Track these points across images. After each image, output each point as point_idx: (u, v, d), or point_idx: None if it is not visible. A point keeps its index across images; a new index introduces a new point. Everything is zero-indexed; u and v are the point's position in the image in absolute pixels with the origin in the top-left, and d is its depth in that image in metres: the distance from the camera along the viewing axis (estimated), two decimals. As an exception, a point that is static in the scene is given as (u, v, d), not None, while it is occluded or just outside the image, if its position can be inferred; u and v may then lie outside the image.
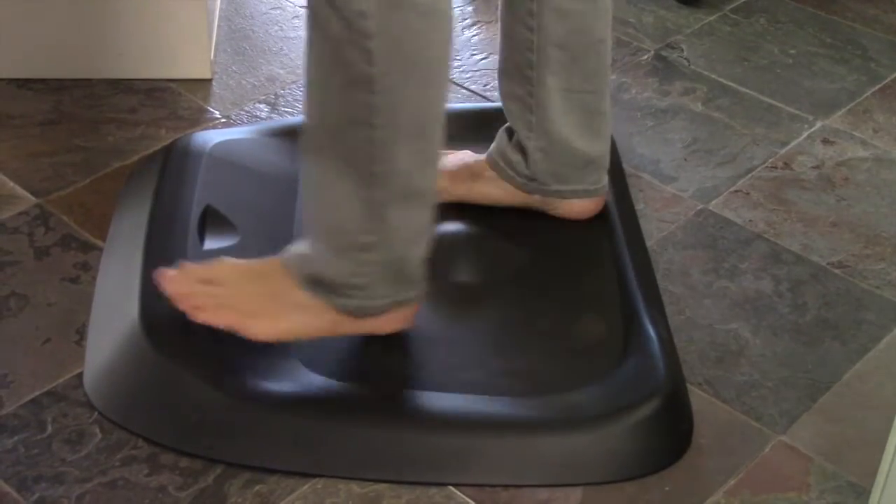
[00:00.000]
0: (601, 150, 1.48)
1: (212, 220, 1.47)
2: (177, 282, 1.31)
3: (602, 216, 1.53)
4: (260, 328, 1.29)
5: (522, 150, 1.48)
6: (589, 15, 1.40)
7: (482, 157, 1.54)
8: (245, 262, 1.33)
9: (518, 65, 1.44)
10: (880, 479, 1.01)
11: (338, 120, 1.20)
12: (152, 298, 1.34)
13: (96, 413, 1.28)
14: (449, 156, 1.58)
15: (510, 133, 1.49)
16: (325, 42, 1.17)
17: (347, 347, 1.35)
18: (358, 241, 1.25)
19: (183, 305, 1.29)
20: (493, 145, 1.52)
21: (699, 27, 2.01)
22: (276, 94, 1.80)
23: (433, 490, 1.23)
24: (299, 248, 1.30)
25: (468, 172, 1.53)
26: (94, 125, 1.72)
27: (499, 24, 1.45)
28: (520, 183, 1.50)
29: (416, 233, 1.27)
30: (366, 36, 1.15)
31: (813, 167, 1.70)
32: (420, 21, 1.16)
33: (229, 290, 1.30)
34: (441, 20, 1.18)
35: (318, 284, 1.27)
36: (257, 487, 1.22)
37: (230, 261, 1.33)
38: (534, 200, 1.52)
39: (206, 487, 1.22)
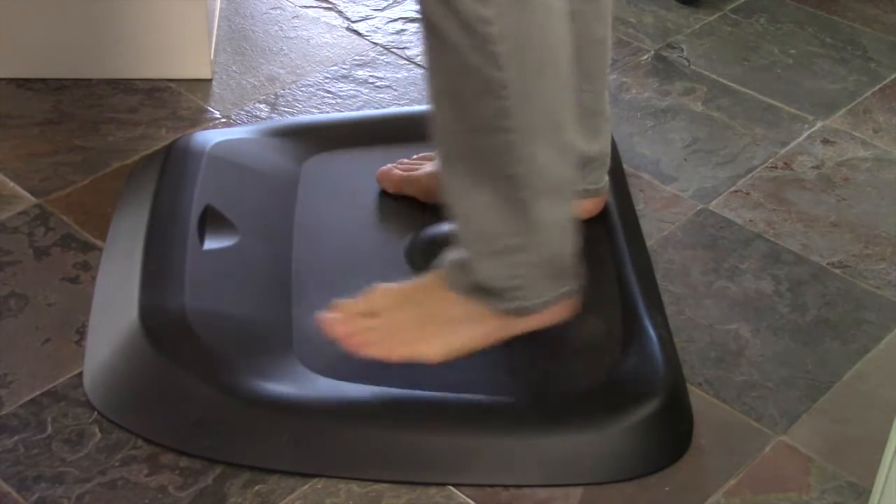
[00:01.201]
0: (600, 149, 1.48)
1: (212, 220, 1.47)
2: (339, 323, 1.29)
3: (602, 216, 1.52)
4: (432, 351, 1.28)
5: None
6: (589, 15, 1.40)
7: None
8: (400, 285, 1.32)
9: None
10: (880, 479, 1.00)
11: (471, 127, 1.19)
12: (152, 298, 1.34)
13: (96, 413, 1.29)
14: None
15: None
16: (449, 52, 1.16)
17: (347, 347, 1.35)
18: (507, 244, 1.24)
19: (349, 346, 1.28)
20: None
21: (699, 27, 2.01)
22: (276, 94, 1.80)
23: (433, 490, 1.23)
24: (455, 257, 1.28)
25: None
26: (94, 125, 1.72)
27: None
28: None
29: (563, 226, 1.26)
30: (491, 41, 1.13)
31: (813, 167, 1.70)
32: (544, 19, 1.15)
33: (391, 319, 1.29)
34: (563, 15, 1.17)
35: (479, 291, 1.27)
36: (257, 487, 1.22)
37: (385, 287, 1.31)
38: None
39: (206, 487, 1.22)
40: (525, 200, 1.21)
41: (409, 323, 1.28)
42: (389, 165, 1.57)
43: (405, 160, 1.58)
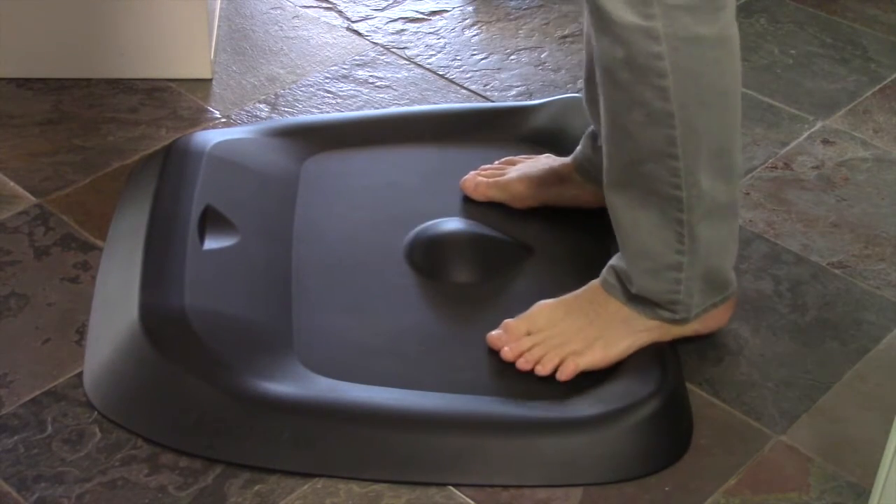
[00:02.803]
0: None
1: (212, 220, 1.47)
2: (508, 344, 1.33)
3: (603, 217, 1.52)
4: (596, 358, 1.32)
5: None
6: None
7: (566, 160, 1.54)
8: (559, 299, 1.35)
9: None
10: (880, 479, 1.01)
11: (640, 155, 1.23)
12: (152, 298, 1.34)
13: (96, 413, 1.29)
14: (531, 161, 1.57)
15: (594, 137, 1.49)
16: (618, 88, 1.20)
17: (347, 347, 1.35)
18: (670, 262, 1.28)
19: (522, 366, 1.32)
20: (578, 149, 1.53)
21: (699, 27, 2.01)
22: (276, 94, 1.80)
23: (433, 490, 1.23)
24: (616, 265, 1.32)
25: (555, 177, 1.53)
26: (94, 125, 1.72)
27: (584, 32, 1.46)
28: None
29: (725, 243, 1.31)
30: (660, 76, 1.18)
31: (813, 167, 1.70)
32: (713, 52, 1.19)
33: (555, 332, 1.33)
34: (732, 46, 1.21)
35: (638, 301, 1.31)
36: (257, 487, 1.22)
37: (545, 303, 1.35)
38: None
39: (205, 487, 1.22)
40: (687, 222, 1.26)
41: (571, 335, 1.32)
42: (473, 173, 1.58)
43: (487, 166, 1.59)
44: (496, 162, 1.59)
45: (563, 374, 1.31)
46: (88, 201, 1.58)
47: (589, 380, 1.31)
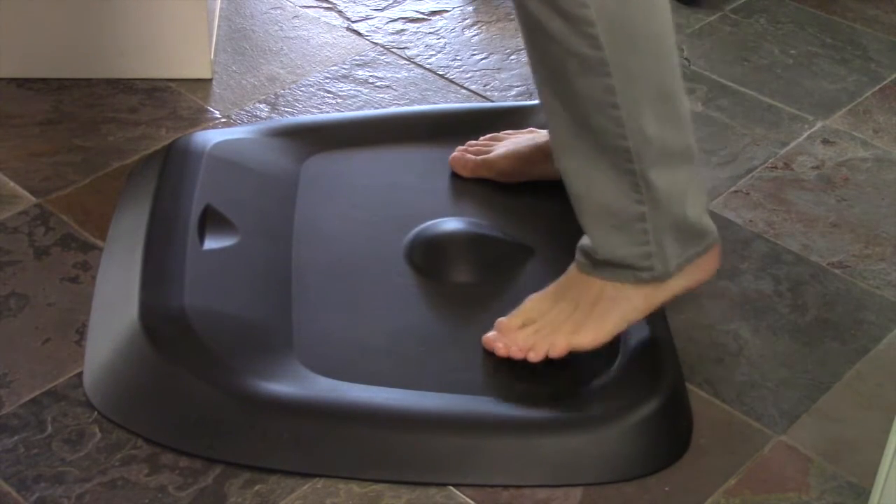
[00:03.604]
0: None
1: (212, 219, 1.47)
2: (503, 340, 1.34)
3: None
4: (590, 338, 1.31)
5: None
6: None
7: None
8: (545, 290, 1.35)
9: None
10: (880, 479, 1.01)
11: (581, 109, 1.23)
12: (152, 298, 1.34)
13: (96, 413, 1.29)
14: (515, 137, 1.60)
15: None
16: (549, 41, 1.20)
17: (347, 347, 1.35)
18: (632, 213, 1.26)
19: (515, 354, 1.32)
20: None
21: (699, 27, 2.01)
22: (276, 94, 1.80)
23: (433, 490, 1.23)
24: (584, 244, 1.32)
25: (541, 154, 1.55)
26: (94, 125, 1.72)
27: None
28: None
29: (685, 189, 1.28)
30: (588, 23, 1.17)
31: (813, 167, 1.70)
32: None
33: (546, 320, 1.33)
34: None
35: (615, 268, 1.30)
36: (257, 487, 1.22)
37: (535, 295, 1.36)
38: None
39: (205, 487, 1.22)
40: (640, 171, 1.24)
41: (561, 319, 1.32)
42: (461, 149, 1.61)
43: (473, 142, 1.61)
44: (481, 138, 1.62)
45: (555, 352, 1.31)
46: (88, 201, 1.58)
47: (589, 379, 1.31)
